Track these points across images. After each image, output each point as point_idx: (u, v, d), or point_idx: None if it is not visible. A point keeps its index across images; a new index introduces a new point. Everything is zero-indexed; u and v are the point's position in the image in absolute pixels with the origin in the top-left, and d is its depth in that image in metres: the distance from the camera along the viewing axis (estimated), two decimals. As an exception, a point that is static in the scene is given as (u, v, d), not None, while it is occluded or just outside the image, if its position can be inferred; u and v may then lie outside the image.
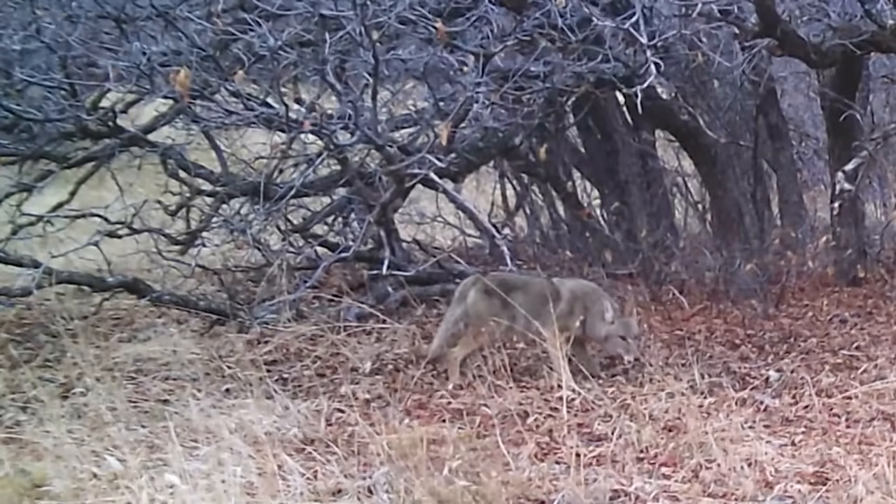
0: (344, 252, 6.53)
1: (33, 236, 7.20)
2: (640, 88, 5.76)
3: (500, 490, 3.99)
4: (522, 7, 6.54)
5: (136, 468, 4.05)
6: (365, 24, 5.68)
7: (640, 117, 8.00)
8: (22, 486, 4.04)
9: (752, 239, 7.94)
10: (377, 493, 4.02)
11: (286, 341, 6.13)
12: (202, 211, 7.63)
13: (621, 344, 5.62)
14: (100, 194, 8.27)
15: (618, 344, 5.63)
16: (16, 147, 6.99)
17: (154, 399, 5.18)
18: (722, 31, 7.20)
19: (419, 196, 8.69)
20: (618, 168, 8.23)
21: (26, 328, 6.70)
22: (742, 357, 6.07)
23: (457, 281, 6.27)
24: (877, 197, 9.62)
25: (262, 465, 4.11)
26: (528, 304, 5.58)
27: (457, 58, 6.38)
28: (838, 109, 7.48)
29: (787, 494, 4.06)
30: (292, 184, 6.58)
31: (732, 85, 8.25)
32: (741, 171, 8.32)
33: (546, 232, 9.23)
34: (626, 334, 5.62)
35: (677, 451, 4.50)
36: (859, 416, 4.93)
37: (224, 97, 6.39)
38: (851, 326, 6.68)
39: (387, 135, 6.78)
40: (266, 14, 6.11)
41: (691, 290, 7.33)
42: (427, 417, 5.04)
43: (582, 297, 5.69)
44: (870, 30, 6.58)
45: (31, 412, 4.91)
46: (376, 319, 6.37)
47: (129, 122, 7.31)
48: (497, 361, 5.42)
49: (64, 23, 6.32)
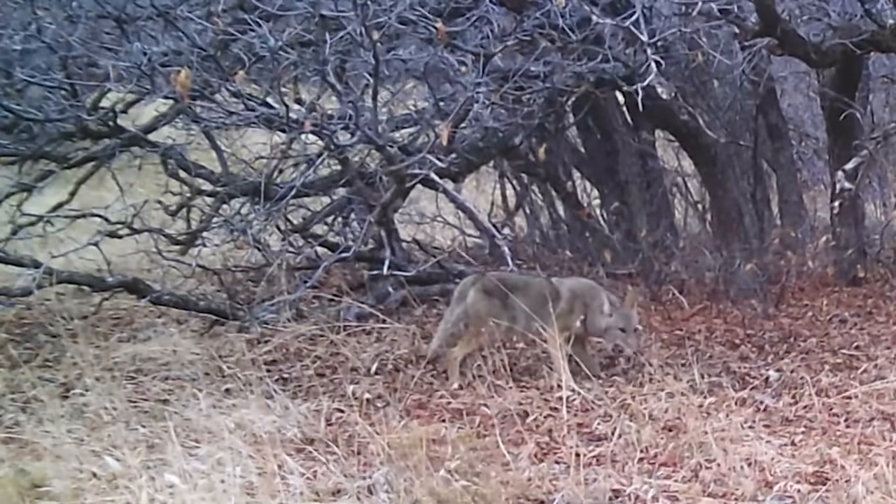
0: (344, 252, 6.53)
1: (33, 236, 7.20)
2: (640, 86, 5.76)
3: (499, 490, 4.00)
4: (522, 7, 6.54)
5: (135, 468, 4.05)
6: (365, 25, 5.67)
7: (639, 117, 8.00)
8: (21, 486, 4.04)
9: (752, 239, 7.95)
10: (377, 493, 4.02)
11: (286, 341, 6.13)
12: (202, 211, 7.63)
13: (620, 336, 5.63)
14: (100, 194, 8.28)
15: (617, 336, 5.64)
16: (16, 147, 6.99)
17: (154, 399, 5.18)
18: (721, 31, 7.21)
19: (419, 196, 8.69)
20: (618, 168, 8.23)
21: (26, 328, 6.71)
22: (742, 357, 6.07)
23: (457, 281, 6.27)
24: (877, 197, 9.62)
25: (262, 464, 4.11)
26: (527, 303, 5.58)
27: (457, 58, 6.38)
28: (838, 109, 7.48)
29: (787, 494, 4.06)
30: (292, 184, 6.58)
31: (732, 85, 8.25)
32: (741, 171, 8.31)
33: (546, 232, 9.24)
34: (625, 326, 5.62)
35: (677, 450, 4.50)
36: (859, 416, 4.93)
37: (224, 97, 6.39)
38: (851, 326, 6.68)
39: (387, 135, 6.78)
40: (266, 14, 6.12)
41: (691, 290, 7.33)
42: (427, 417, 5.04)
43: (581, 295, 5.69)
44: (870, 29, 6.58)
45: (30, 412, 4.91)
46: (376, 319, 6.36)
47: (129, 122, 7.31)
48: (497, 361, 5.42)
49: (64, 23, 6.33)
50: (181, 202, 7.71)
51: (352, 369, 5.74)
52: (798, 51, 6.85)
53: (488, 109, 6.50)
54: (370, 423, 4.66)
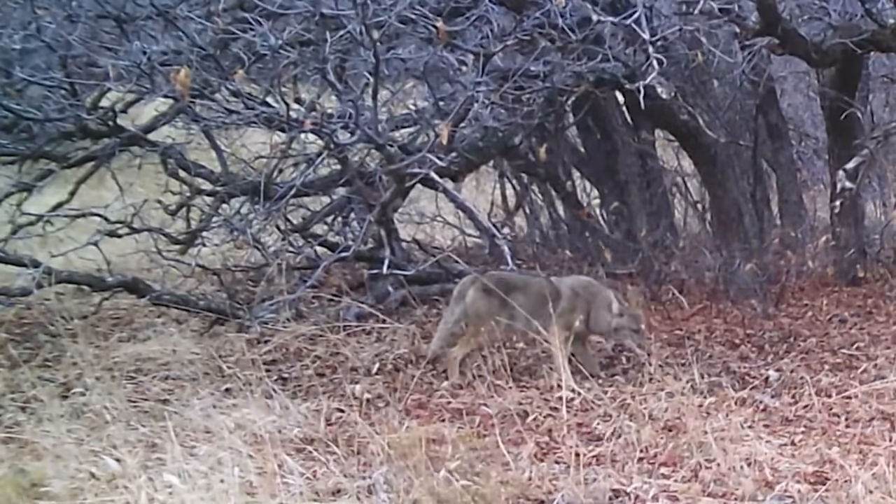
0: (344, 252, 6.53)
1: (33, 236, 7.19)
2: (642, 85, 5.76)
3: (499, 490, 3.99)
4: (522, 7, 6.54)
5: (135, 468, 4.04)
6: (365, 24, 5.68)
7: (639, 117, 8.00)
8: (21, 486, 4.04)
9: (751, 239, 7.94)
10: (377, 492, 4.02)
11: (286, 341, 6.13)
12: (202, 210, 7.62)
13: (633, 336, 5.64)
14: (100, 194, 8.27)
15: (629, 335, 5.65)
16: (16, 147, 6.99)
17: (153, 399, 5.18)
18: (721, 31, 7.20)
19: (419, 196, 8.69)
20: (617, 168, 8.23)
21: (26, 328, 6.70)
22: (742, 357, 6.07)
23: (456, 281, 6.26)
24: (877, 196, 9.61)
25: (262, 465, 4.11)
26: (527, 303, 5.58)
27: (457, 57, 6.38)
28: (838, 109, 7.48)
29: (787, 494, 4.06)
30: (292, 183, 6.58)
31: (732, 84, 8.24)
32: (741, 171, 8.31)
33: (546, 232, 9.23)
34: (637, 327, 5.64)
35: (677, 450, 4.50)
36: (859, 416, 4.93)
37: (224, 96, 6.39)
38: (851, 326, 6.68)
39: (387, 134, 6.78)
40: (266, 13, 6.11)
41: (691, 290, 7.33)
42: (427, 417, 5.04)
43: (583, 293, 5.69)
44: (870, 29, 6.58)
45: (30, 412, 4.91)
46: (376, 319, 6.36)
47: (129, 121, 7.31)
48: (497, 361, 5.42)
49: (64, 22, 6.33)
50: (181, 202, 7.70)
51: (352, 369, 5.74)
52: (799, 50, 6.85)
53: (488, 109, 6.50)
54: (370, 423, 4.66)
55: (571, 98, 7.23)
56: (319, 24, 5.87)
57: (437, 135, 5.92)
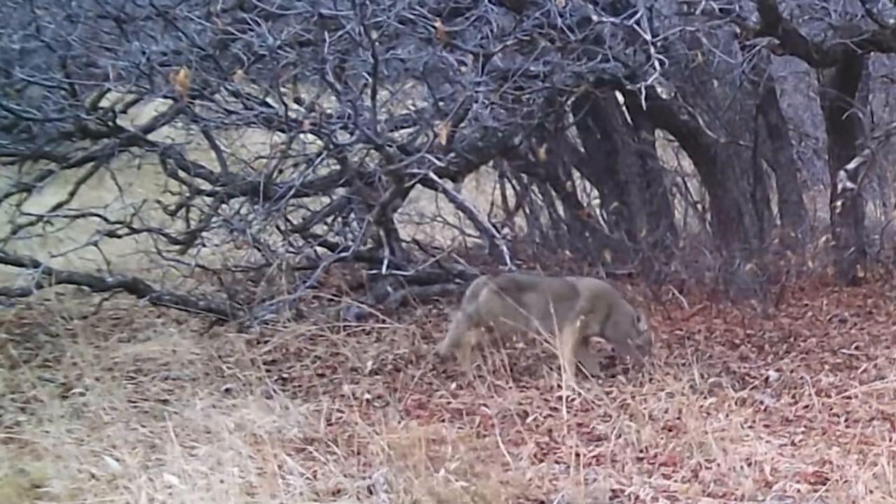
0: (344, 252, 6.52)
1: (33, 236, 7.18)
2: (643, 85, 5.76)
3: (499, 490, 3.99)
4: (522, 7, 6.54)
5: (135, 468, 4.05)
6: (364, 24, 5.68)
7: (639, 117, 8.00)
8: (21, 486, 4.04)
9: (751, 239, 7.94)
10: (377, 493, 4.02)
11: (286, 341, 6.13)
12: (202, 211, 7.62)
13: (643, 352, 5.64)
14: (99, 194, 8.26)
15: (638, 353, 5.65)
16: (16, 147, 6.99)
17: (153, 399, 5.18)
18: (721, 31, 7.20)
19: (419, 196, 8.69)
20: (617, 168, 8.23)
21: (26, 328, 6.70)
22: (742, 357, 6.06)
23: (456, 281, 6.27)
24: (877, 196, 9.61)
25: (262, 465, 4.11)
26: (542, 303, 5.54)
27: (456, 57, 6.38)
28: (838, 109, 7.48)
29: (787, 494, 4.06)
30: (292, 184, 6.58)
31: (732, 85, 8.24)
32: (741, 171, 8.31)
33: (546, 232, 9.23)
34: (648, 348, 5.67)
35: (677, 451, 4.50)
36: (859, 416, 4.93)
37: (224, 97, 6.40)
38: (851, 326, 6.68)
39: (386, 134, 6.78)
40: (265, 14, 6.12)
41: (691, 290, 7.33)
42: (427, 417, 5.03)
43: (603, 296, 5.69)
44: (871, 29, 6.58)
45: (30, 412, 4.91)
46: (376, 319, 6.36)
47: (128, 121, 7.31)
48: (497, 361, 5.41)
49: (64, 22, 6.33)
50: (180, 202, 7.70)
51: (352, 369, 5.74)
52: (799, 50, 6.85)
53: (488, 109, 6.49)
54: (370, 423, 4.66)
55: (571, 98, 7.23)
56: (318, 25, 5.87)
57: (437, 135, 5.91)
